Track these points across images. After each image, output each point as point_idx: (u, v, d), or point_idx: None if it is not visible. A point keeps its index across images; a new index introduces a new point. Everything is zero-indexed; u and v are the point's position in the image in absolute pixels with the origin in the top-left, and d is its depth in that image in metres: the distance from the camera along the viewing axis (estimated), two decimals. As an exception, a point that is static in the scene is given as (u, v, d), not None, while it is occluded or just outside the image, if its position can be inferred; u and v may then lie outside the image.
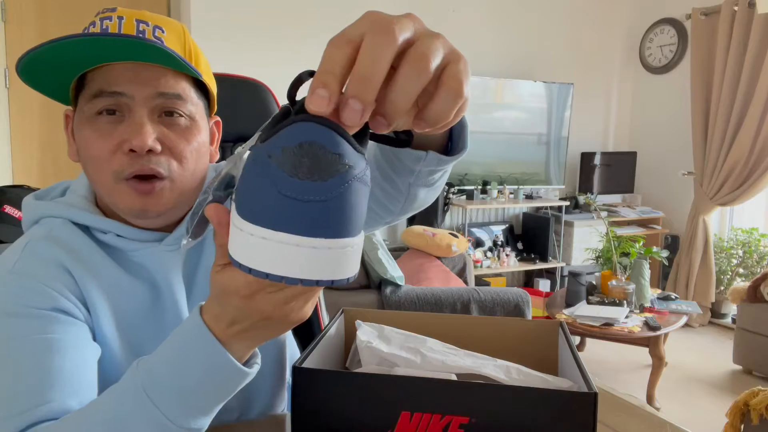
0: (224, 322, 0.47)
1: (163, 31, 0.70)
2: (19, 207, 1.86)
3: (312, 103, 0.35)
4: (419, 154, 0.58)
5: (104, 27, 0.68)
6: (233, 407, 0.80)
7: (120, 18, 0.69)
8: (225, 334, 0.47)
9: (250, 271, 0.37)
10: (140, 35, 0.68)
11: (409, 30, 0.36)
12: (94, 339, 0.68)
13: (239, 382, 0.50)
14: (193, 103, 0.71)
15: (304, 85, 0.41)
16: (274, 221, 0.36)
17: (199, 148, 0.72)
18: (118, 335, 0.69)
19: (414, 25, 0.36)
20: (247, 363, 0.52)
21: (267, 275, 0.36)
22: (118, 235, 0.72)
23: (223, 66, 1.29)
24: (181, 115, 0.70)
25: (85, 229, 0.72)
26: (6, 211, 1.83)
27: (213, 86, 0.77)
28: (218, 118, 0.81)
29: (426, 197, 0.68)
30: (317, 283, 0.36)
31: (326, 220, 0.35)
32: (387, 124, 0.37)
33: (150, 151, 0.67)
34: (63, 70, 0.67)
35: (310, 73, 0.40)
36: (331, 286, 0.38)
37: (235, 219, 0.38)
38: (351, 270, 0.38)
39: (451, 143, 0.60)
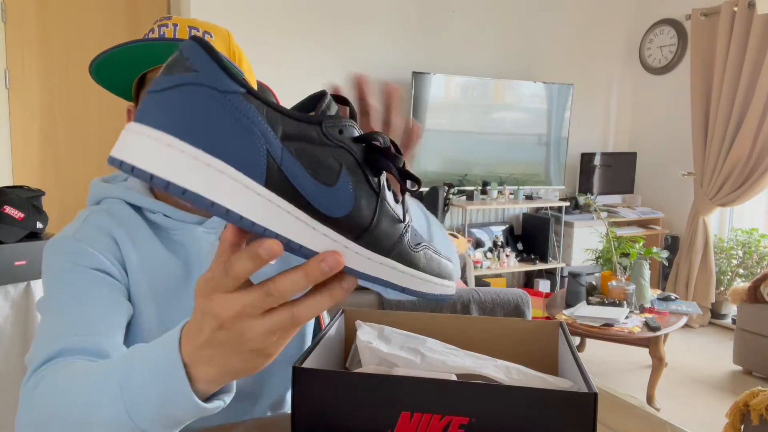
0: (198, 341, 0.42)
1: (211, 36, 0.82)
2: (18, 208, 1.86)
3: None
4: None
5: (162, 33, 0.81)
6: (245, 393, 0.82)
7: (175, 26, 0.81)
8: (193, 353, 0.42)
9: (121, 164, 0.35)
10: None
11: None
12: (129, 301, 0.78)
13: (190, 412, 0.44)
14: None
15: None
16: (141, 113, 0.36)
17: None
18: (150, 303, 0.78)
19: None
20: (215, 395, 0.47)
21: (132, 168, 0.34)
22: (165, 215, 0.81)
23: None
24: None
25: (138, 209, 0.82)
26: (6, 211, 1.83)
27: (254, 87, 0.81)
28: None
29: None
30: (168, 186, 0.34)
31: (157, 109, 0.35)
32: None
33: None
34: (126, 69, 0.79)
35: (339, 100, 0.43)
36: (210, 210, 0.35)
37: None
38: (191, 183, 0.34)
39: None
